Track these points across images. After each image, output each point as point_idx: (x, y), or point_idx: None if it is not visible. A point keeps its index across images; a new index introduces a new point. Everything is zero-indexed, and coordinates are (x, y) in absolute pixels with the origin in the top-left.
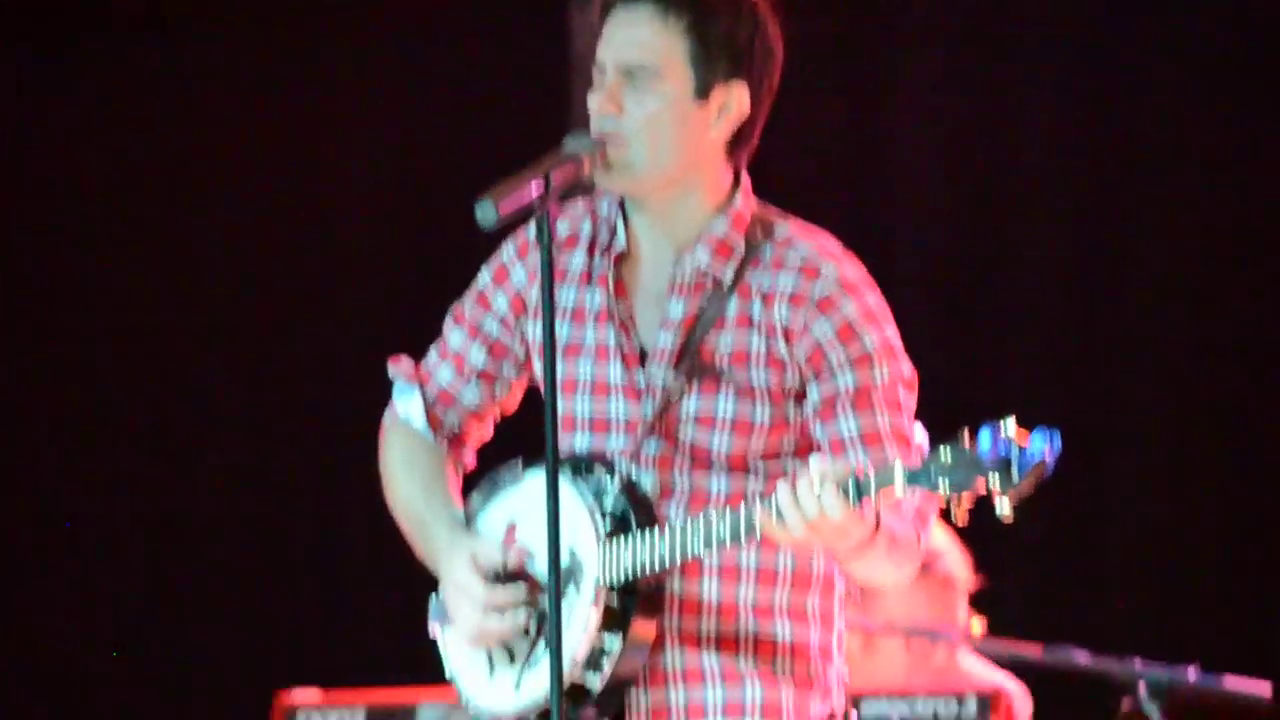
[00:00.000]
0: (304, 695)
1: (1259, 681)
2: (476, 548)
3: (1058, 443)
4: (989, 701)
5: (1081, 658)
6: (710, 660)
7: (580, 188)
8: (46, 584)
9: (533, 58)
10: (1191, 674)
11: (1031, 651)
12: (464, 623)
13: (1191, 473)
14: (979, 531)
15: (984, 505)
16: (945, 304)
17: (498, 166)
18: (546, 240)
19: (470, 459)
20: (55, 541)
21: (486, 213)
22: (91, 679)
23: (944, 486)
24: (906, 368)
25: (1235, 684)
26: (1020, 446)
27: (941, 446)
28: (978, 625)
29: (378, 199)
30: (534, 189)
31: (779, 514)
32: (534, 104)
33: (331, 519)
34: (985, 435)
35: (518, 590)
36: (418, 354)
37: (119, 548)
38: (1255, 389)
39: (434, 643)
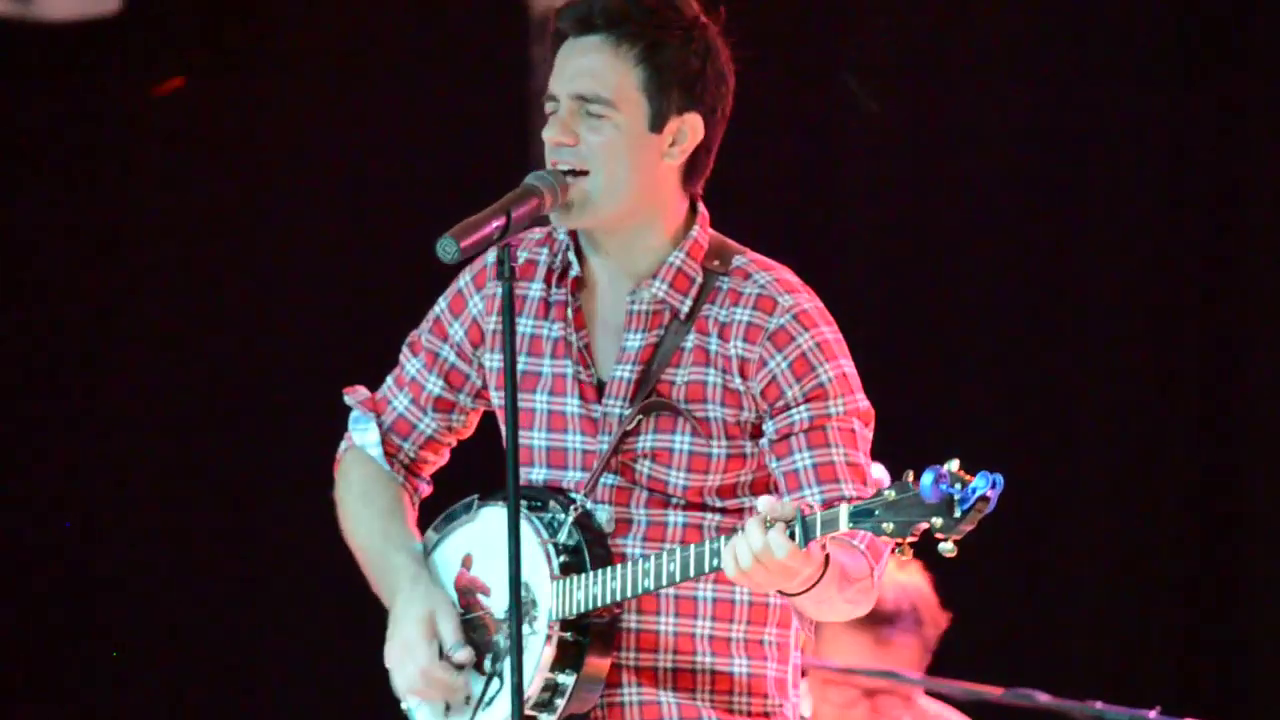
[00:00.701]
0: None
1: None
2: (437, 607)
3: (1000, 483)
4: None
5: (1042, 699)
6: (667, 696)
7: (539, 220)
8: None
9: (493, 87)
10: (1153, 716)
11: (992, 693)
12: (404, 679)
13: (1153, 516)
14: (940, 574)
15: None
16: (899, 341)
17: (458, 195)
18: (508, 275)
19: (426, 487)
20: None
21: (448, 250)
22: None
23: (888, 527)
24: (863, 401)
25: None
26: (963, 486)
27: (886, 488)
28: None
29: (337, 229)
30: (495, 225)
31: (728, 554)
32: (493, 131)
33: (294, 576)
34: (929, 475)
35: (458, 677)
36: (374, 384)
37: (86, 611)
38: (1215, 433)
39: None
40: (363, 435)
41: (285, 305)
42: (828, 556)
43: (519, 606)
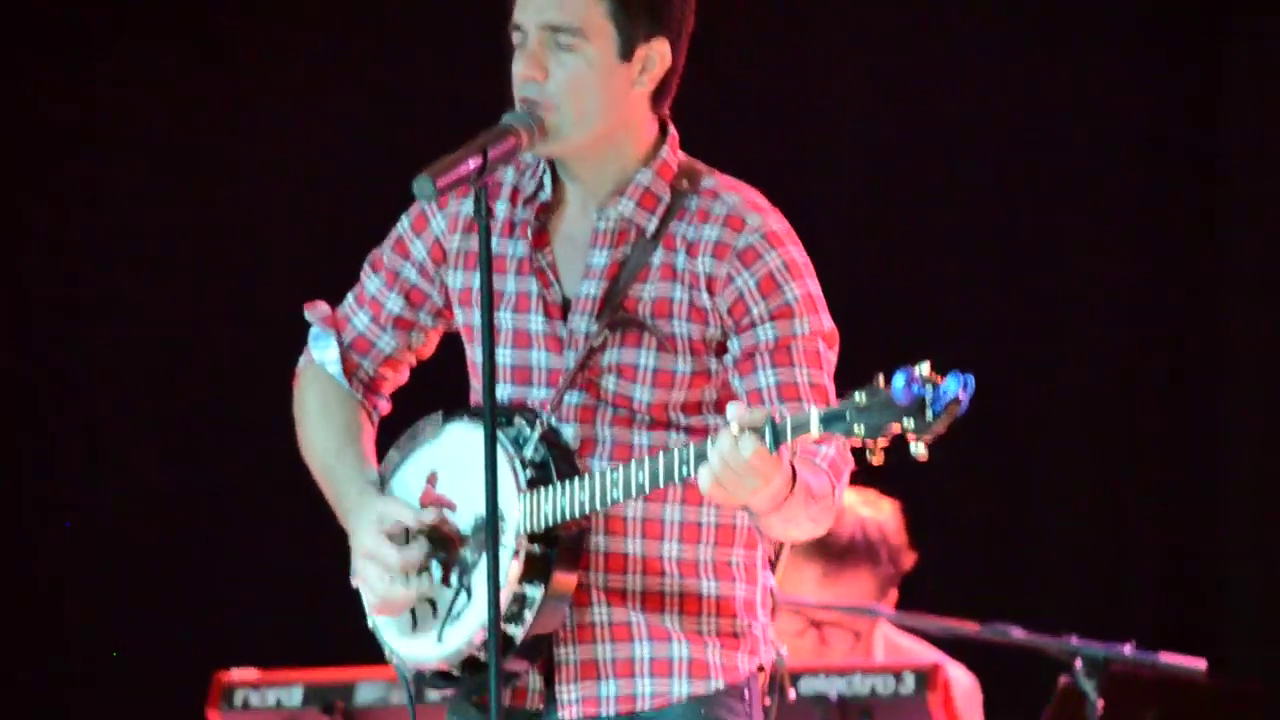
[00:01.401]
0: (242, 674)
1: (1194, 659)
2: (384, 509)
3: (972, 384)
4: (926, 678)
5: (1018, 634)
6: (637, 616)
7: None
8: None
9: (463, 24)
10: (1127, 650)
11: (968, 628)
12: (373, 590)
13: (1129, 450)
14: (916, 510)
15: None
16: (868, 266)
17: (421, 128)
18: (485, 215)
19: (385, 405)
20: None
21: (425, 189)
22: (26, 661)
23: (860, 430)
24: (828, 322)
25: (1171, 659)
26: (934, 387)
27: (856, 390)
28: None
29: (298, 154)
30: (472, 164)
31: (698, 459)
32: (462, 66)
33: (266, 497)
34: (900, 377)
35: (421, 549)
36: (335, 302)
37: (53, 531)
38: (1188, 369)
39: (358, 593)
40: (322, 352)
41: (253, 230)
42: (795, 472)
43: (494, 525)
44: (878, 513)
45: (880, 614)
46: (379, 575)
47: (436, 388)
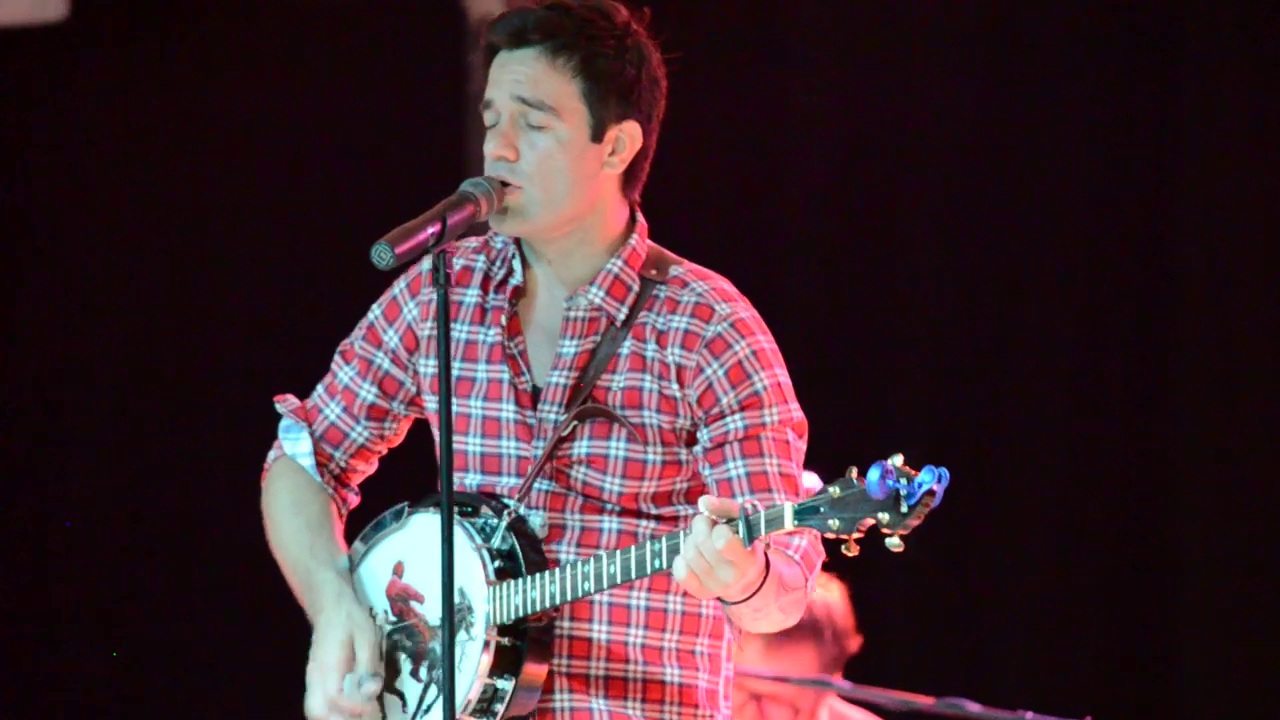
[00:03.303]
0: None
1: None
2: (357, 631)
3: (946, 476)
4: None
5: (973, 708)
6: (599, 703)
7: (476, 226)
8: None
9: (430, 91)
10: None
11: (923, 702)
12: (315, 702)
13: (1084, 524)
14: (872, 583)
15: (878, 552)
16: (835, 352)
17: (392, 200)
18: (444, 282)
19: (354, 498)
20: None
21: (383, 256)
22: None
23: (834, 524)
24: (796, 411)
25: None
26: (909, 480)
27: (830, 485)
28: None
29: (272, 236)
30: (430, 231)
31: (670, 551)
32: (429, 136)
33: (212, 561)
34: (874, 470)
35: (366, 705)
36: (302, 394)
37: None
38: (1143, 444)
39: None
40: (294, 445)
41: (219, 312)
42: (768, 563)
43: (452, 613)
44: (826, 593)
45: (834, 686)
46: (319, 696)
47: (404, 478)
